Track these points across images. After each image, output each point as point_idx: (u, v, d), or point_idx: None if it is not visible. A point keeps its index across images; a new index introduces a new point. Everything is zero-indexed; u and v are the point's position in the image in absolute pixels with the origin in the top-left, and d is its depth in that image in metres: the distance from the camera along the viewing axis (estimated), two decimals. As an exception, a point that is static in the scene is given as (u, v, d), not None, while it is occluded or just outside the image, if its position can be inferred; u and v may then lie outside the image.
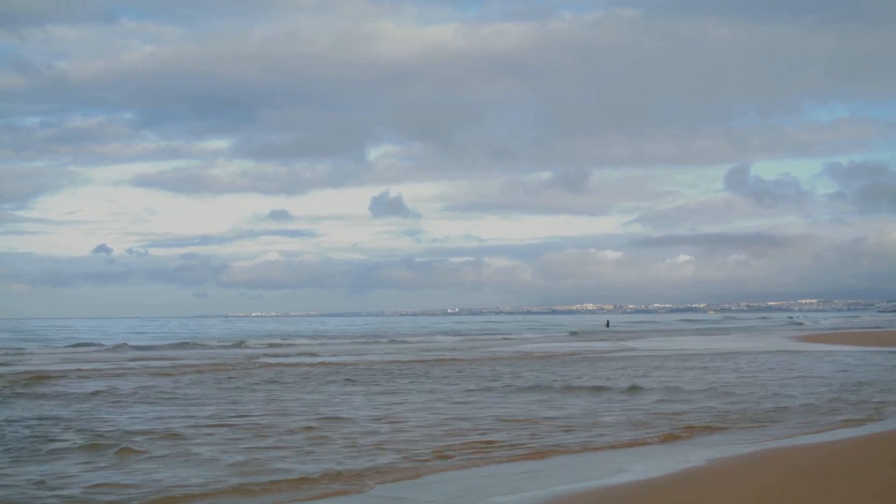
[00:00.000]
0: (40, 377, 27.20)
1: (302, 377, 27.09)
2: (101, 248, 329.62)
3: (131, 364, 35.02)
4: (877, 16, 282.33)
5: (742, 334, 72.20)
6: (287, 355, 41.97)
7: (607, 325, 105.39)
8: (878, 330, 74.59)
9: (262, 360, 37.89)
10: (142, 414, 17.80)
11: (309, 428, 15.41)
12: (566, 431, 14.98)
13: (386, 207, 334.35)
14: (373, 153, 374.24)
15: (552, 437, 14.42)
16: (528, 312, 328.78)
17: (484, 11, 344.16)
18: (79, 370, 30.74)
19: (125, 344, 53.84)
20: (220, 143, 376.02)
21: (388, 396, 21.01)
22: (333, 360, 37.67)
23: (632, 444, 13.79)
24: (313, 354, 42.81)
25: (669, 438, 14.23)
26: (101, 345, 54.22)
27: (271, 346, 54.09)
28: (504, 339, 67.44)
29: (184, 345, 54.59)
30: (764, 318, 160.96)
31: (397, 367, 32.20)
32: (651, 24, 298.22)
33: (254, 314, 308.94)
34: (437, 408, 18.49)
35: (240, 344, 56.09)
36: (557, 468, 12.05)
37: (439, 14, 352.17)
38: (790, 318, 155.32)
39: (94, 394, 21.91)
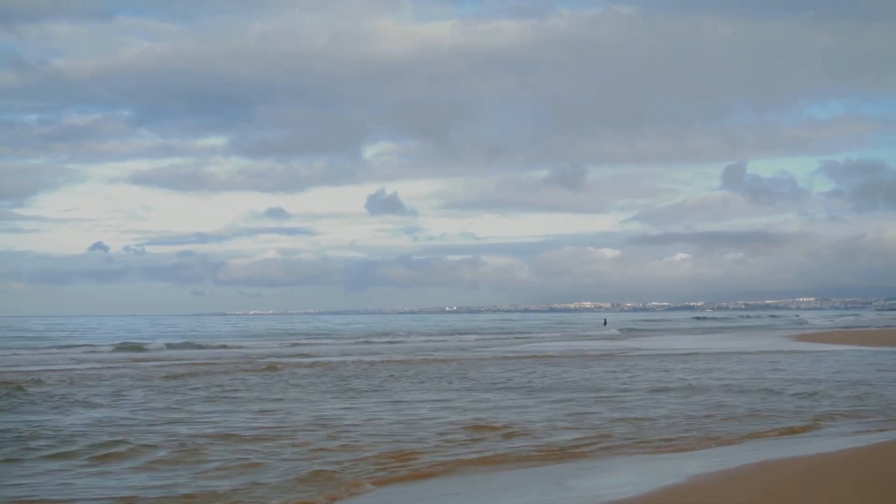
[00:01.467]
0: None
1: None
2: (99, 246, 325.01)
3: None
4: (874, 13, 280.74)
5: (769, 333, 71.86)
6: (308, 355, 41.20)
7: (605, 323, 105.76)
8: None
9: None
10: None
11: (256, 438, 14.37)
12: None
13: (382, 205, 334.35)
14: (369, 150, 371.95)
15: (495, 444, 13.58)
16: (526, 311, 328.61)
17: (482, 8, 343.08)
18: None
19: (166, 345, 53.44)
20: (218, 140, 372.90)
21: (388, 401, 20.16)
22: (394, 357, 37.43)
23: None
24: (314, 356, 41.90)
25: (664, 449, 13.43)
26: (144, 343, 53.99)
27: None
28: (516, 337, 66.91)
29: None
30: (773, 316, 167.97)
31: (432, 366, 32.22)
32: (649, 22, 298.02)
33: (251, 312, 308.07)
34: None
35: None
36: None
37: (437, 11, 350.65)
38: (797, 316, 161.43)
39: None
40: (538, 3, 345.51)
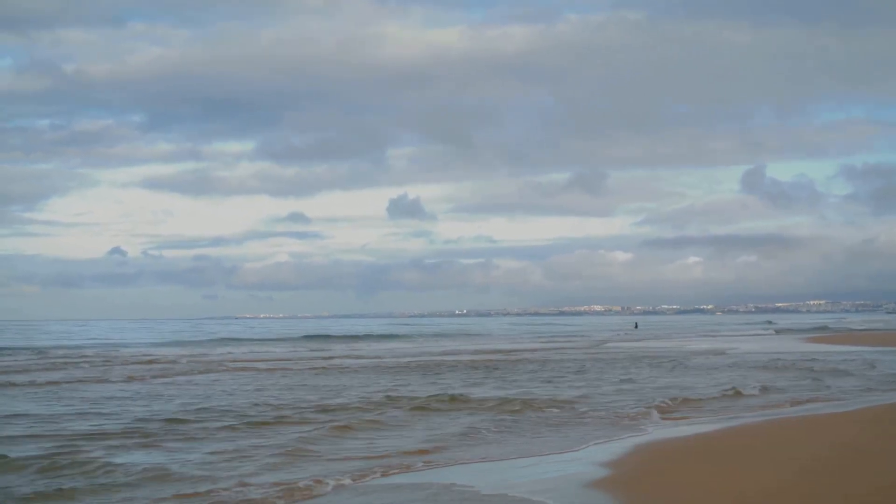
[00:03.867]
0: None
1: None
2: (110, 250, 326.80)
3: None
4: (893, 18, 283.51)
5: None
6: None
7: (636, 326, 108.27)
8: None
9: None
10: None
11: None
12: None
13: (401, 210, 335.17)
14: (379, 155, 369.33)
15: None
16: (536, 314, 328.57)
17: (489, 14, 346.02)
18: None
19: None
20: (228, 145, 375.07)
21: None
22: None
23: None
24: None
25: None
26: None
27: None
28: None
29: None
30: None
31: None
32: (655, 27, 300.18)
33: (261, 315, 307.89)
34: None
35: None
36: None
37: (445, 17, 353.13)
38: (843, 319, 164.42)
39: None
40: (545, 8, 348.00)
